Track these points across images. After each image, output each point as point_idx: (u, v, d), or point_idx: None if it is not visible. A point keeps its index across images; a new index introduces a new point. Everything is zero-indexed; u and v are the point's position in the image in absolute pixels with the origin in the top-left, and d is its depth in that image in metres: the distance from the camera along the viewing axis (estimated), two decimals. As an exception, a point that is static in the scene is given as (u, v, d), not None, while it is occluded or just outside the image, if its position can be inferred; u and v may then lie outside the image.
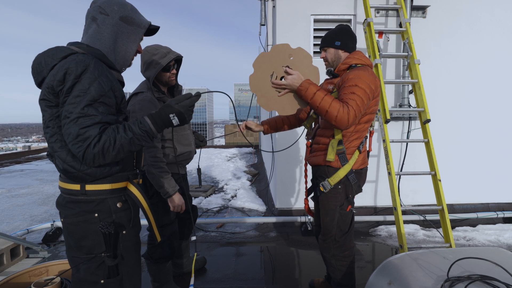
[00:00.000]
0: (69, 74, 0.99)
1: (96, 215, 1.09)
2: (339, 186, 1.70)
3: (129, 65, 1.23)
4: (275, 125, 2.05)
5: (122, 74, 1.23)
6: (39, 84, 1.10)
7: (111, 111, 1.07)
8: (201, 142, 2.20)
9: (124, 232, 1.15)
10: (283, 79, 1.64)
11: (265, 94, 1.62)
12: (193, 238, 1.63)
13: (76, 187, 1.08)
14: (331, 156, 1.68)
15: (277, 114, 1.76)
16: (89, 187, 1.08)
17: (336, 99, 1.58)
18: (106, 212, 1.10)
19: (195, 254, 1.55)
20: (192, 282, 1.43)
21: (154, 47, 1.80)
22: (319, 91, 1.57)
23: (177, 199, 1.81)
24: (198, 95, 1.19)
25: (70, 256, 1.14)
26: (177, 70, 1.97)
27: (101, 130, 0.99)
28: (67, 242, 1.14)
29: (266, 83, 1.62)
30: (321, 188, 1.74)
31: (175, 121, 1.10)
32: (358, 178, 1.72)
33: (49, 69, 1.05)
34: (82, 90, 0.99)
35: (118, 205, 1.13)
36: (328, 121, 1.60)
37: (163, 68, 1.80)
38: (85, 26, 1.14)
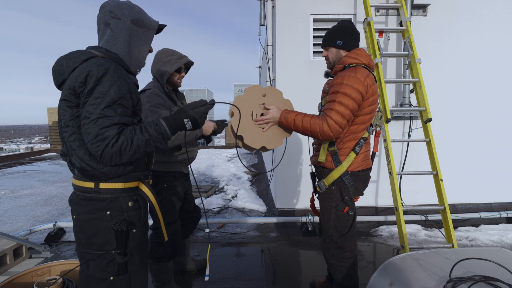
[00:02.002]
0: (91, 76, 1.03)
1: (108, 213, 1.12)
2: (333, 187, 1.70)
3: (143, 65, 1.28)
4: None
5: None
6: (59, 86, 1.15)
7: (128, 113, 1.11)
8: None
9: (134, 230, 1.18)
10: (262, 116, 1.70)
11: (250, 133, 1.67)
12: (207, 230, 1.66)
13: (90, 185, 1.11)
14: (322, 157, 1.70)
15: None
16: (103, 185, 1.12)
17: (315, 115, 1.62)
18: (118, 210, 1.14)
19: (209, 245, 1.56)
20: (207, 272, 1.46)
21: (171, 49, 1.96)
22: (297, 115, 1.62)
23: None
24: (212, 103, 1.23)
25: (81, 252, 1.16)
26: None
27: (119, 130, 1.03)
28: (78, 239, 1.16)
29: (249, 122, 1.67)
30: (317, 188, 1.76)
31: (189, 125, 1.15)
32: (355, 180, 1.68)
33: (70, 71, 1.09)
34: (102, 92, 1.03)
35: (129, 204, 1.17)
36: (316, 139, 1.65)
37: (176, 69, 1.92)
38: (100, 32, 1.18)
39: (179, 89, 2.12)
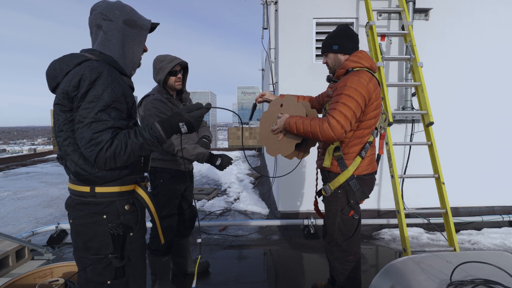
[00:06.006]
0: (84, 80, 1.02)
1: (105, 216, 1.11)
2: (339, 191, 1.70)
3: (139, 66, 1.27)
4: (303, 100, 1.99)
5: (132, 78, 1.27)
6: (53, 89, 1.14)
7: (123, 116, 1.11)
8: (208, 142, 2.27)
9: (131, 234, 1.17)
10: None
11: (269, 143, 1.79)
12: (198, 240, 1.68)
13: (86, 189, 1.11)
14: (327, 162, 1.70)
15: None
16: (98, 189, 1.11)
17: (316, 117, 1.61)
18: (114, 214, 1.13)
19: (199, 256, 1.57)
20: (194, 284, 1.45)
21: (163, 55, 1.98)
22: (298, 119, 1.60)
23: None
24: (208, 107, 1.22)
25: (78, 257, 1.16)
26: (184, 76, 2.10)
27: (113, 135, 1.02)
28: (75, 243, 1.16)
29: (269, 134, 1.79)
30: (323, 192, 1.76)
31: (184, 129, 1.14)
32: (361, 184, 1.68)
33: (64, 75, 1.08)
34: (96, 96, 1.02)
35: (126, 207, 1.16)
36: (318, 140, 1.64)
37: (170, 72, 1.95)
38: (93, 35, 1.17)
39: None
